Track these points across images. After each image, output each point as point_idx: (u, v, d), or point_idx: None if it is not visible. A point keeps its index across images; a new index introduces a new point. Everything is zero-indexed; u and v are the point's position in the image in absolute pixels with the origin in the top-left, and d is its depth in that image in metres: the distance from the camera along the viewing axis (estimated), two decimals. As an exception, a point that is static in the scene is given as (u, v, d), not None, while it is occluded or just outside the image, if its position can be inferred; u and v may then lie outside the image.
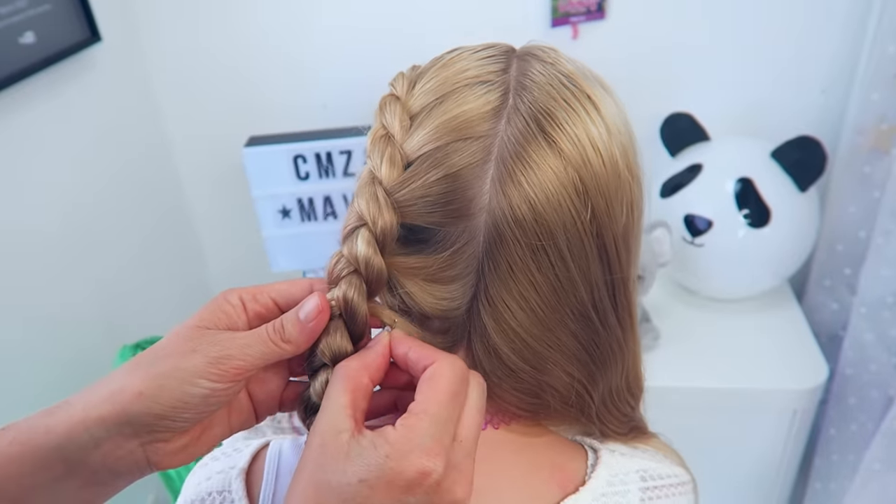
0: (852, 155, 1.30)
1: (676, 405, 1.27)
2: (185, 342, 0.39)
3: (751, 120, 1.42)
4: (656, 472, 0.51)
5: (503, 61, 0.44)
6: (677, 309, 1.42)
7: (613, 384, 0.49)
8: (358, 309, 0.41)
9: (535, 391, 0.46)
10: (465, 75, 0.43)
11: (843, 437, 1.36)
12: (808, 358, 1.28)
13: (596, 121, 0.42)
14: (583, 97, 0.43)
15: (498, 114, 0.42)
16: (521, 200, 0.40)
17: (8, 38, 1.12)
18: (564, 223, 0.41)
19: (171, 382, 0.38)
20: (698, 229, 1.28)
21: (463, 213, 0.41)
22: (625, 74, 1.42)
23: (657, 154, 1.43)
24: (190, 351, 0.39)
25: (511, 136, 0.41)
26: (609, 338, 0.46)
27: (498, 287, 0.42)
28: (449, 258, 0.42)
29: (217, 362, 0.38)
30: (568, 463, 0.49)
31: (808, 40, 1.34)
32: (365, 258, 0.41)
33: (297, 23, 1.45)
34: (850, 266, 1.36)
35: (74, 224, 1.29)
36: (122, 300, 1.42)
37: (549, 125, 0.41)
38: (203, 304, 0.43)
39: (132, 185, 1.46)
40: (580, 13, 1.36)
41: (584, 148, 0.41)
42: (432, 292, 0.43)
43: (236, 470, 0.50)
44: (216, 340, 0.39)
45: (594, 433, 0.53)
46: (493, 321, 0.43)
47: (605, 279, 0.44)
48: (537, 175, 0.40)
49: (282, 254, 1.46)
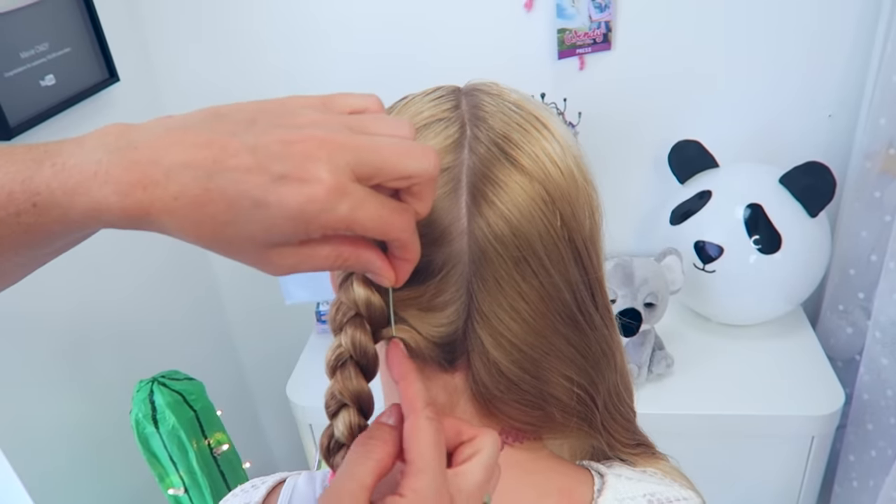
0: (862, 180, 1.30)
1: (691, 433, 1.26)
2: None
3: (759, 146, 1.43)
4: (664, 496, 0.51)
5: (453, 99, 0.48)
6: (690, 335, 1.41)
7: (611, 384, 0.51)
8: (367, 349, 0.43)
9: (538, 402, 0.48)
10: (421, 117, 0.47)
11: (862, 463, 1.35)
12: (825, 383, 1.27)
13: (549, 138, 0.46)
14: (533, 119, 0.47)
15: (459, 145, 0.45)
16: (498, 218, 0.43)
17: (30, 81, 1.16)
18: (539, 232, 0.44)
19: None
20: (709, 256, 1.29)
21: (444, 240, 0.44)
22: (632, 103, 1.44)
23: (666, 181, 1.44)
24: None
25: (476, 163, 0.44)
26: (598, 337, 0.49)
27: (489, 303, 0.44)
28: (439, 283, 0.44)
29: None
30: (575, 487, 0.50)
31: (815, 66, 1.35)
32: (365, 300, 0.42)
33: (312, 60, 1.48)
34: (863, 290, 1.36)
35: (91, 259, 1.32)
36: (138, 335, 1.44)
37: (508, 147, 0.44)
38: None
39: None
40: (586, 45, 1.38)
41: (544, 163, 0.45)
42: (430, 321, 0.45)
43: None
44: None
45: (601, 446, 0.53)
46: (489, 336, 0.45)
47: (583, 280, 0.47)
48: (507, 193, 0.43)
49: (295, 286, 1.47)
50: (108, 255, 1.36)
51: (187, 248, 1.64)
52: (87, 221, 0.35)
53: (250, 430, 1.93)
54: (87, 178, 0.34)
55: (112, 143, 0.34)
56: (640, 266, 1.24)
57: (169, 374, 1.25)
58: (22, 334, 1.16)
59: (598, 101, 1.42)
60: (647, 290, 1.23)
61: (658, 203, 1.47)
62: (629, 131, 1.46)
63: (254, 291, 1.73)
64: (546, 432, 0.51)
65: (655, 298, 1.24)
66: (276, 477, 0.56)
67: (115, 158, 0.34)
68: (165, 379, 1.22)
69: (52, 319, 1.23)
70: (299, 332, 1.66)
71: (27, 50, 1.15)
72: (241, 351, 1.87)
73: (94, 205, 0.34)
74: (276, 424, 1.98)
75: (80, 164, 0.34)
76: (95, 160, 0.34)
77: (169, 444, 1.21)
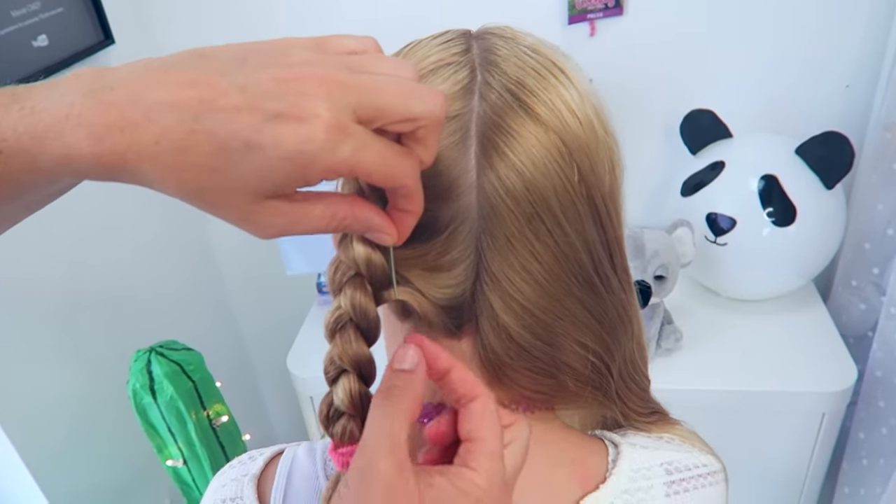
0: (879, 151, 1.27)
1: (700, 408, 1.23)
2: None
3: (774, 116, 1.39)
4: (682, 464, 0.49)
5: (463, 43, 0.45)
6: (700, 310, 1.39)
7: (627, 351, 0.49)
8: (368, 311, 0.40)
9: (551, 371, 0.45)
10: (428, 61, 0.43)
11: (872, 441, 1.33)
12: (836, 360, 1.24)
13: (566, 85, 0.42)
14: (549, 65, 0.43)
15: (469, 91, 0.41)
16: (510, 170, 0.40)
17: (22, 41, 1.12)
18: (555, 187, 0.40)
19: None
20: (721, 228, 1.25)
21: (451, 194, 0.40)
22: (644, 71, 1.40)
23: (678, 151, 1.40)
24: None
25: (487, 111, 0.41)
26: (615, 302, 0.46)
27: (499, 263, 0.41)
28: (445, 241, 0.41)
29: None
30: (588, 458, 0.48)
31: (833, 34, 1.30)
32: (365, 258, 0.40)
33: (318, 20, 1.44)
34: (877, 265, 1.33)
35: (85, 227, 1.29)
36: (135, 304, 1.42)
37: (523, 94, 0.41)
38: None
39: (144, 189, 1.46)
40: (597, 9, 1.33)
41: (561, 112, 0.41)
42: (435, 282, 0.42)
43: (248, 476, 0.51)
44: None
45: (615, 416, 0.51)
46: (499, 299, 0.42)
47: (601, 240, 0.43)
48: (521, 144, 0.40)
49: (297, 257, 1.44)
50: (102, 219, 1.33)
51: (185, 213, 1.61)
52: (58, 170, 0.32)
53: (250, 403, 1.92)
54: (58, 121, 0.31)
55: (87, 85, 0.31)
56: (651, 238, 1.21)
57: (167, 343, 1.22)
58: (12, 300, 1.13)
59: (609, 69, 1.38)
60: (658, 262, 1.20)
61: (669, 174, 1.44)
62: (640, 100, 1.42)
63: (255, 261, 1.70)
64: (559, 402, 0.49)
65: (666, 271, 1.21)
66: (274, 448, 0.54)
67: (89, 100, 0.31)
68: (163, 349, 1.20)
69: (42, 286, 1.20)
70: (300, 303, 1.64)
71: (18, 8, 1.11)
72: (241, 322, 1.84)
73: (65, 150, 0.31)
74: (277, 397, 1.96)
75: (50, 108, 0.31)
76: (67, 103, 0.31)
77: (167, 415, 1.19)
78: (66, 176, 0.32)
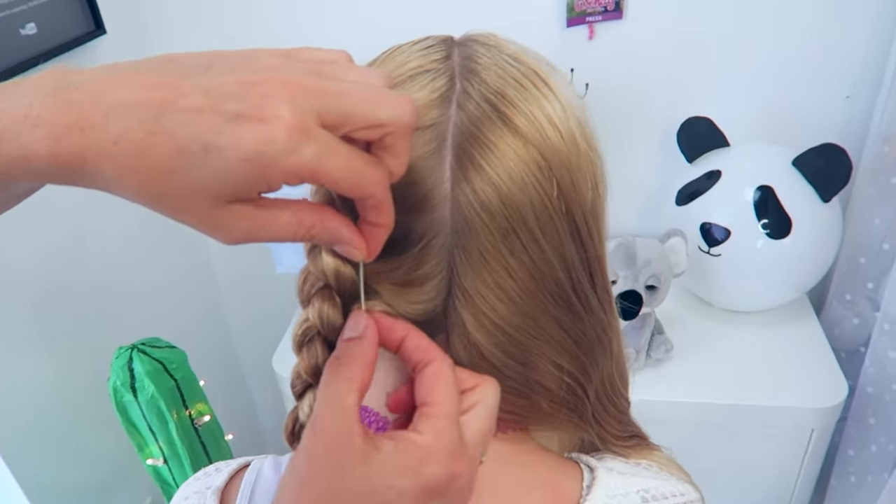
0: (878, 165, 1.25)
1: (688, 421, 1.22)
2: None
3: (772, 126, 1.37)
4: (659, 492, 0.48)
5: (444, 50, 0.43)
6: (691, 321, 1.37)
7: (605, 373, 0.47)
8: (336, 324, 0.39)
9: (524, 391, 0.44)
10: (407, 67, 0.42)
11: (861, 458, 1.31)
12: (827, 375, 1.23)
13: (549, 97, 0.41)
14: (532, 75, 0.41)
15: (446, 100, 0.40)
16: (485, 184, 0.38)
17: (9, 28, 1.10)
18: (532, 202, 0.39)
19: None
20: (715, 239, 1.24)
21: (424, 206, 0.39)
22: (642, 76, 1.38)
23: (673, 159, 1.38)
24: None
25: (464, 121, 0.39)
26: (594, 322, 0.45)
27: (472, 279, 0.40)
28: (418, 255, 0.40)
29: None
30: (562, 482, 0.47)
31: (834, 42, 1.29)
32: (334, 270, 0.39)
33: (313, 19, 1.42)
34: (872, 280, 1.32)
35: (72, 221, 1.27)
36: (118, 298, 1.40)
37: (502, 105, 0.39)
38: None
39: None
40: (597, 12, 1.32)
41: (542, 124, 0.40)
42: (406, 297, 0.41)
43: (212, 490, 0.50)
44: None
45: (591, 439, 0.50)
46: (471, 316, 0.41)
47: (581, 258, 0.42)
48: (498, 156, 0.39)
49: (287, 254, 1.42)
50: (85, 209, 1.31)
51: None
52: (14, 172, 0.31)
53: (237, 402, 1.90)
54: (16, 121, 0.30)
55: (49, 85, 0.31)
56: (644, 247, 1.19)
57: (150, 341, 1.20)
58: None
59: (607, 73, 1.36)
60: (650, 271, 1.18)
61: (664, 182, 1.42)
62: (638, 105, 1.40)
63: (244, 258, 1.69)
64: (532, 423, 0.48)
65: (658, 281, 1.19)
66: (240, 461, 0.53)
67: (49, 100, 0.30)
68: (146, 346, 1.18)
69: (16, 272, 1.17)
70: (288, 302, 1.62)
71: (6, -5, 1.09)
72: (228, 319, 1.83)
73: (21, 151, 0.30)
74: (263, 396, 1.95)
75: (8, 108, 0.30)
76: (26, 103, 0.30)
77: (148, 413, 1.17)
78: (22, 178, 0.32)
